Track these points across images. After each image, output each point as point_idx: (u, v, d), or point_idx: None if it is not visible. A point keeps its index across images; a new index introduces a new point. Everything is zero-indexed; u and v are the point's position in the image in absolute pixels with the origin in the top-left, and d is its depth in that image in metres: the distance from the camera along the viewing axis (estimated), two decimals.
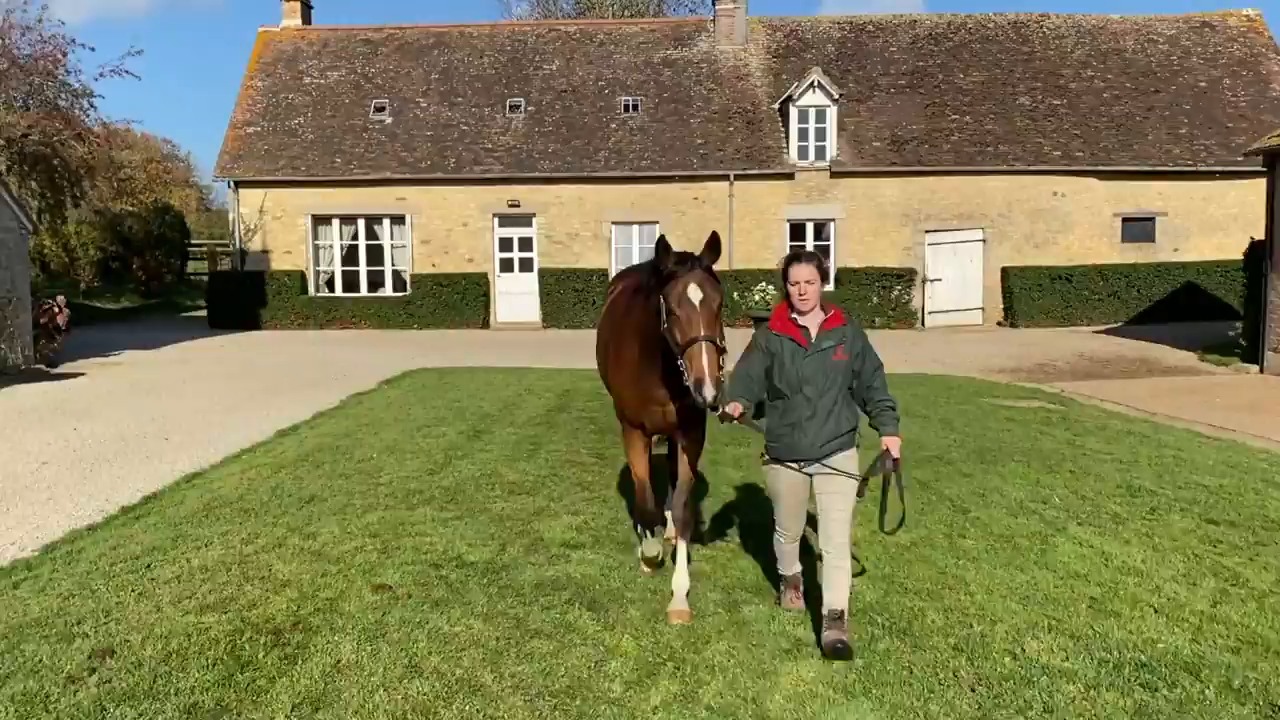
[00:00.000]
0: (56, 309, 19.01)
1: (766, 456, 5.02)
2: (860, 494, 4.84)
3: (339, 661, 4.58)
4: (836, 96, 26.51)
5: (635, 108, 27.96)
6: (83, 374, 17.62)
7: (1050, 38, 29.02)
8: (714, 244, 4.75)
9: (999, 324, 26.68)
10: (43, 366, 18.32)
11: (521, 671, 4.48)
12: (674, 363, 4.60)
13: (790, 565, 5.24)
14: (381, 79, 28.91)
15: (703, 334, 4.41)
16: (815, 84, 26.42)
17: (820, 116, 26.67)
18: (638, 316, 5.07)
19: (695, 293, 4.51)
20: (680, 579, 5.20)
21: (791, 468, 4.89)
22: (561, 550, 6.34)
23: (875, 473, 4.81)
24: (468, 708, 4.12)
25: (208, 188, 63.49)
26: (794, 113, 26.59)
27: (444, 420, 11.58)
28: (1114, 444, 10.48)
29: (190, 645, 4.77)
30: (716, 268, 4.79)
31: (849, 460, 4.84)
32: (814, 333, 4.83)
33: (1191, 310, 24.97)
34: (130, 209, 39.79)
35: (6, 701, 4.19)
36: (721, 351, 4.51)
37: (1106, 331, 24.66)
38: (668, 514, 6.04)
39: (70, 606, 5.39)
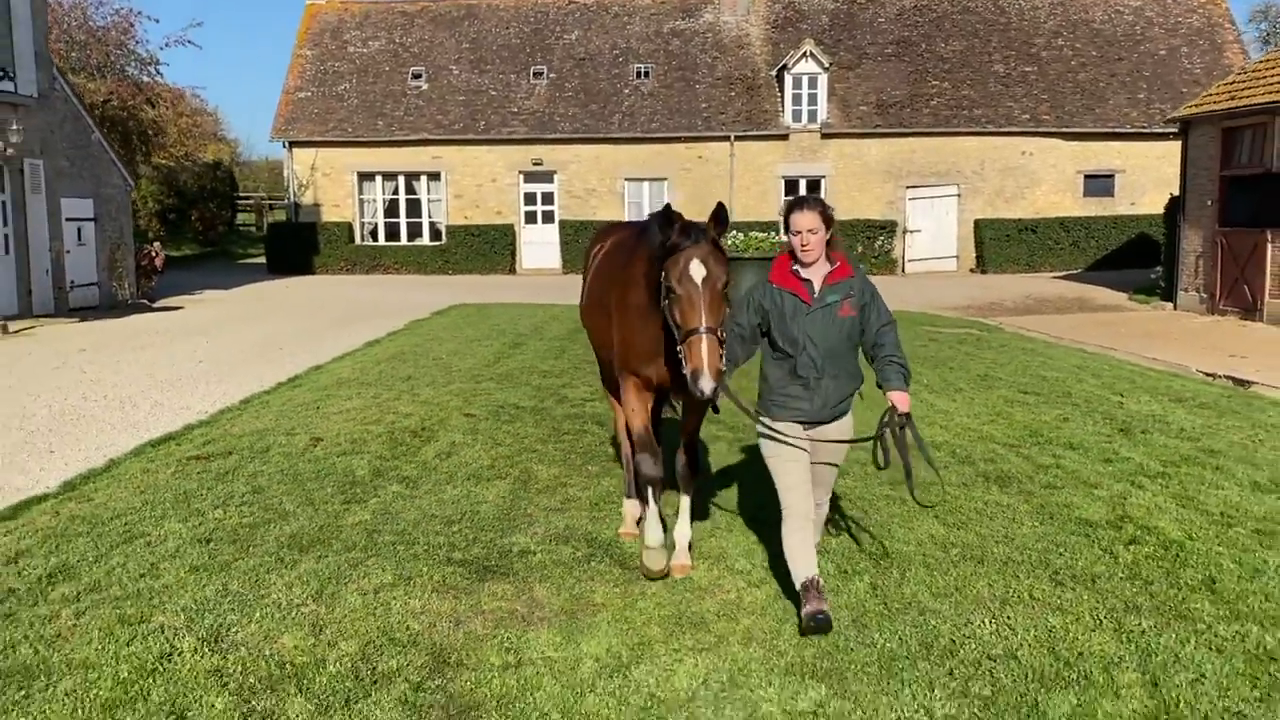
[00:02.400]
0: (154, 253, 22.53)
1: (762, 416, 4.57)
2: (883, 464, 4.59)
3: (454, 441, 8.03)
4: (827, 65, 29.48)
5: (646, 74, 31.02)
6: (181, 307, 21.15)
7: (1025, 9, 31.77)
8: (719, 216, 4.36)
9: (971, 271, 29.83)
10: (145, 301, 21.87)
11: (559, 445, 7.93)
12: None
13: (807, 566, 4.41)
14: (417, 48, 32.03)
15: (704, 325, 4.10)
16: (808, 54, 29.40)
17: (813, 83, 29.67)
18: (642, 267, 4.71)
19: (698, 270, 4.17)
20: (683, 528, 5.09)
21: (789, 430, 4.47)
22: (580, 402, 9.76)
23: (883, 430, 4.47)
24: (530, 457, 7.55)
25: (235, 141, 66.62)
26: (789, 79, 29.60)
27: (489, 336, 15.02)
28: (1001, 355, 13.77)
29: (365, 436, 8.23)
30: None
31: (844, 425, 4.58)
32: (818, 286, 4.41)
33: (1143, 258, 27.94)
34: (164, 162, 42.94)
35: (277, 456, 7.65)
36: (722, 343, 4.19)
37: (1064, 277, 27.81)
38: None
39: (281, 423, 8.86)
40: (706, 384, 4.06)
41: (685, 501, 5.16)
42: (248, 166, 64.74)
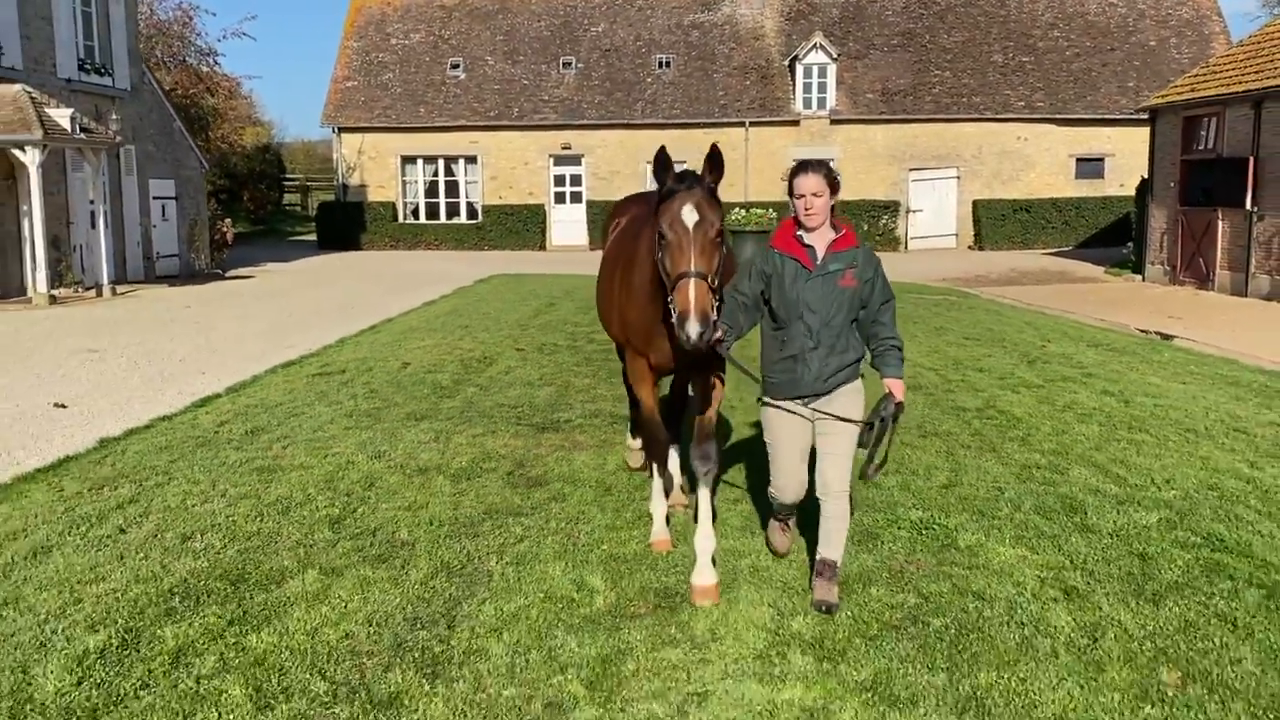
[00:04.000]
0: (225, 228, 25.16)
1: (764, 396, 4.53)
2: (863, 443, 4.40)
3: (510, 365, 10.57)
4: (836, 55, 31.72)
5: (668, 64, 33.37)
6: (252, 276, 23.81)
7: (1024, 1, 33.78)
8: (714, 159, 4.19)
9: (969, 248, 32.05)
10: (218, 271, 24.54)
11: (590, 368, 10.44)
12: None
13: (783, 545, 4.81)
14: (455, 40, 34.50)
15: (693, 269, 3.95)
16: (818, 45, 31.64)
17: (822, 73, 31.92)
18: (649, 239, 4.45)
19: (690, 215, 4.06)
20: (703, 541, 4.58)
21: (792, 407, 4.43)
22: (606, 343, 12.11)
23: (878, 417, 4.34)
24: (569, 374, 10.07)
25: (270, 123, 69.33)
26: (800, 69, 31.86)
27: (527, 299, 17.54)
28: (966, 314, 16.11)
29: (442, 361, 10.77)
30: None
31: (854, 393, 4.42)
32: (820, 253, 4.33)
33: (1128, 235, 30.07)
34: (216, 146, 45.56)
35: (379, 373, 10.20)
36: (713, 290, 4.03)
37: (1054, 253, 29.99)
38: (673, 469, 5.61)
39: (374, 354, 11.42)
40: (693, 327, 3.86)
41: (704, 499, 4.67)
42: (285, 149, 67.47)
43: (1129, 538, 5.20)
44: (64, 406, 9.00)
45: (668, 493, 5.32)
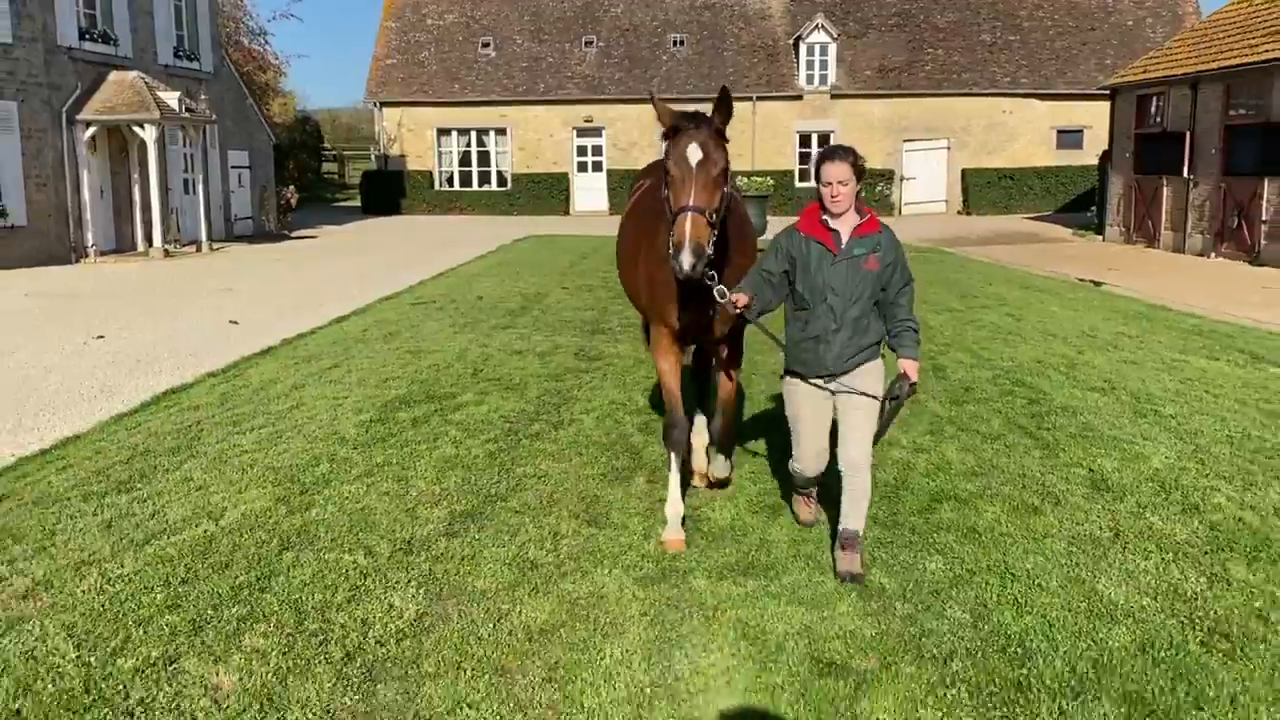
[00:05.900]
0: (289, 195, 28.37)
1: (786, 373, 4.70)
2: (880, 430, 4.65)
3: (559, 298, 13.79)
4: (836, 35, 34.57)
5: (682, 43, 36.26)
6: (315, 236, 27.03)
7: None
8: (723, 101, 4.30)
9: (958, 213, 35.00)
10: (285, 232, 27.76)
11: (622, 300, 13.57)
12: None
13: (807, 516, 4.87)
14: (486, 20, 37.45)
15: (690, 203, 4.07)
16: (819, 25, 34.49)
17: (824, 51, 34.78)
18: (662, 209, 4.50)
19: (695, 153, 4.16)
20: (718, 462, 5.29)
21: (814, 384, 4.57)
22: None
23: (893, 396, 4.57)
24: (606, 303, 13.28)
25: (290, 93, 72.32)
26: (803, 47, 34.73)
27: (561, 254, 20.73)
28: (933, 267, 19.18)
29: (507, 295, 14.00)
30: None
31: (874, 371, 4.60)
32: (845, 237, 4.46)
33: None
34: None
35: (461, 302, 13.42)
36: (711, 226, 4.14)
37: (1034, 218, 32.91)
38: (695, 439, 5.72)
39: (451, 291, 14.65)
40: (686, 258, 3.98)
41: (720, 458, 5.48)
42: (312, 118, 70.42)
43: (966, 382, 8.40)
44: (236, 323, 12.27)
45: (690, 473, 5.52)
